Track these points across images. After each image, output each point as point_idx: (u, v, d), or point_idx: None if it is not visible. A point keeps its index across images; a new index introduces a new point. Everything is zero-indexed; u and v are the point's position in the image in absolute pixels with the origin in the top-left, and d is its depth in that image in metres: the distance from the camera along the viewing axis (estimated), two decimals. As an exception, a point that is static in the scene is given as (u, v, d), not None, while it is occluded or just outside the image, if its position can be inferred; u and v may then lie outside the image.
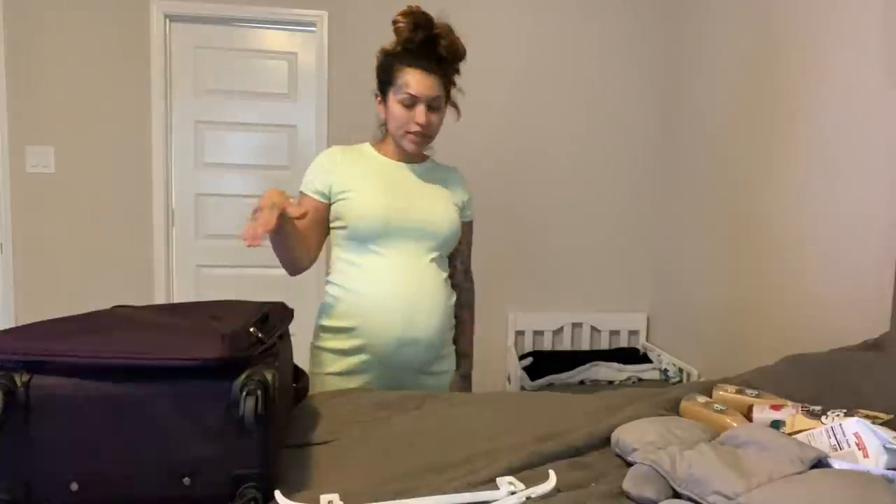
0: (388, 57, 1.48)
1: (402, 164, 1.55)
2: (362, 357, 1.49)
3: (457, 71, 1.51)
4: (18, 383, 0.81)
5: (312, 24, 3.11)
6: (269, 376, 0.85)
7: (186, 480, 0.82)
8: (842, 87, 1.96)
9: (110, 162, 3.03)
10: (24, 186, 2.97)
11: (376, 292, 1.46)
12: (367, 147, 1.58)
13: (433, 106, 1.47)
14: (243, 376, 0.84)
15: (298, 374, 1.29)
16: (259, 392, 0.82)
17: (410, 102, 1.45)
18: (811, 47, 2.11)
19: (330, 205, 1.51)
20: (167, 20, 3.03)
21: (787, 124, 2.23)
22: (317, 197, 1.51)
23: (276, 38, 3.16)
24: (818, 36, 2.08)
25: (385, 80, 1.49)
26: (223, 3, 3.02)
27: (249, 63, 3.14)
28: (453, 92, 1.55)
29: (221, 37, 3.11)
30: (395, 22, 1.45)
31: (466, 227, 1.65)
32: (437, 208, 1.52)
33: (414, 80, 1.44)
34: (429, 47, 1.45)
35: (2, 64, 2.91)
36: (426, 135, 1.49)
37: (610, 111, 3.28)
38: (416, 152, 1.54)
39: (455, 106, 1.58)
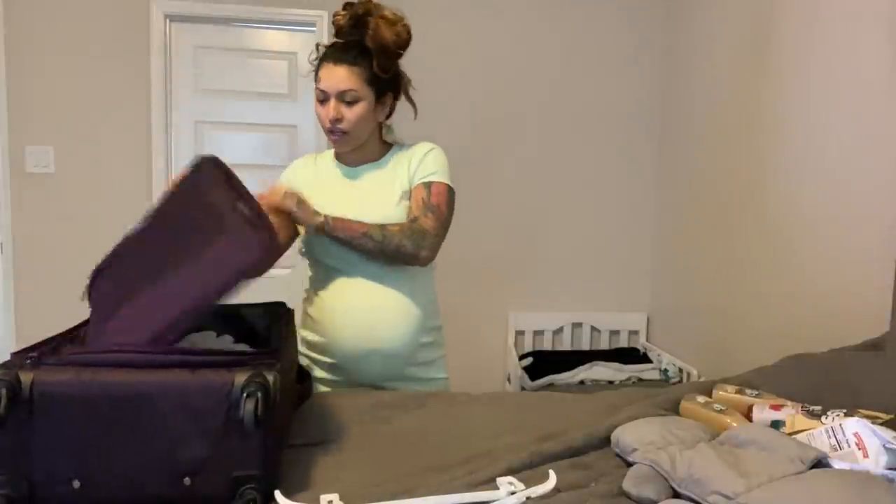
0: (317, 61, 1.43)
1: (358, 169, 1.49)
2: (332, 369, 1.48)
3: (385, 62, 1.39)
4: (22, 381, 0.81)
5: (312, 24, 3.10)
6: (270, 378, 0.85)
7: (187, 480, 0.83)
8: (842, 86, 1.96)
9: (110, 162, 3.03)
10: (24, 186, 2.97)
11: (335, 308, 1.44)
12: (328, 156, 1.54)
13: (347, 100, 1.37)
14: (244, 377, 0.84)
15: (302, 374, 1.29)
16: (259, 394, 0.82)
17: (322, 97, 1.40)
18: (810, 46, 2.11)
19: None
20: (167, 20, 3.03)
21: (786, 123, 2.23)
22: None
23: (276, 38, 3.16)
24: (817, 35, 2.08)
25: (315, 82, 1.44)
26: (223, 3, 3.02)
27: (249, 63, 3.13)
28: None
29: (221, 37, 3.11)
30: (333, 15, 1.42)
31: (416, 189, 1.44)
32: (386, 211, 1.43)
33: (323, 73, 1.39)
34: (352, 37, 1.39)
35: (2, 64, 2.90)
36: (343, 131, 1.39)
37: (609, 111, 3.28)
38: (343, 150, 1.47)
39: (411, 101, 1.50)
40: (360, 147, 1.47)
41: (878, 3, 1.83)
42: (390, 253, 1.37)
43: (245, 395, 0.82)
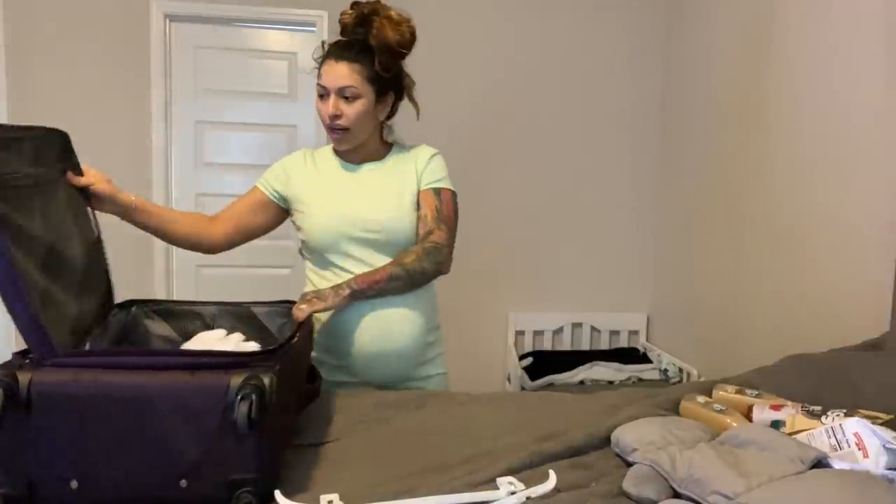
0: (322, 55, 1.44)
1: (360, 167, 1.50)
2: (339, 370, 1.47)
3: (388, 61, 1.39)
4: (20, 381, 0.81)
5: (312, 24, 3.11)
6: (266, 380, 0.84)
7: (183, 483, 0.82)
8: (842, 86, 1.96)
9: (110, 162, 3.01)
10: (24, 186, 2.96)
11: (345, 310, 1.41)
12: (326, 151, 1.55)
13: (346, 96, 1.38)
14: (241, 379, 0.83)
15: (313, 374, 1.29)
16: (254, 396, 0.81)
17: (322, 93, 1.41)
18: (811, 47, 2.11)
19: (284, 208, 1.52)
20: (167, 20, 3.03)
21: (787, 123, 2.23)
22: (265, 192, 1.51)
23: (276, 38, 3.16)
24: (818, 35, 2.08)
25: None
26: (223, 3, 3.02)
27: (249, 63, 3.13)
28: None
29: (221, 37, 3.11)
30: (340, 14, 1.43)
31: (426, 194, 1.47)
32: (392, 212, 1.44)
33: (324, 69, 1.40)
34: (356, 36, 1.40)
35: (2, 64, 2.90)
36: (342, 128, 1.40)
37: (610, 111, 3.28)
38: (343, 148, 1.47)
39: (413, 102, 1.51)
40: (361, 146, 1.48)
41: (876, 4, 1.83)
42: (418, 281, 1.42)
43: (240, 397, 0.81)
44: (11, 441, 0.82)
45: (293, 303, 1.32)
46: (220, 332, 1.24)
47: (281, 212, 1.54)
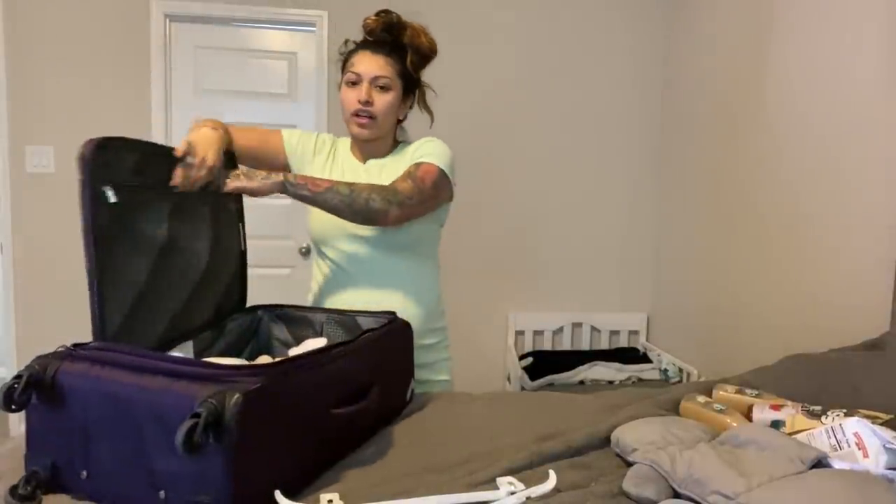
0: (348, 52, 1.48)
1: (364, 164, 1.51)
2: None
3: (418, 62, 1.47)
4: (48, 369, 0.86)
5: (312, 24, 3.11)
6: (231, 399, 0.77)
7: (161, 494, 0.81)
8: (842, 86, 1.96)
9: (110, 162, 3.02)
10: (24, 186, 2.97)
11: (334, 301, 1.45)
12: (346, 143, 1.57)
13: (380, 86, 1.43)
14: (210, 393, 0.77)
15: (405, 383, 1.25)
16: (204, 413, 0.74)
17: (355, 80, 1.43)
18: (811, 46, 2.11)
19: (285, 161, 1.53)
20: (167, 20, 3.03)
21: (787, 123, 2.23)
22: (283, 143, 1.52)
23: (276, 38, 3.16)
24: (818, 35, 2.08)
25: (342, 72, 1.48)
26: (223, 3, 3.02)
27: (249, 63, 3.13)
28: (429, 96, 1.54)
29: (221, 37, 3.11)
30: (365, 19, 1.46)
31: (408, 167, 1.42)
32: None
33: (359, 59, 1.44)
34: (388, 35, 1.45)
35: (2, 64, 2.90)
36: (370, 115, 1.42)
37: (610, 111, 3.28)
38: (364, 136, 1.45)
39: (427, 109, 1.55)
40: (374, 141, 1.49)
41: (877, 2, 1.83)
42: (358, 209, 1.28)
43: (190, 414, 0.75)
44: (41, 424, 0.87)
45: (394, 314, 1.30)
46: (322, 341, 1.24)
47: (282, 162, 1.53)
